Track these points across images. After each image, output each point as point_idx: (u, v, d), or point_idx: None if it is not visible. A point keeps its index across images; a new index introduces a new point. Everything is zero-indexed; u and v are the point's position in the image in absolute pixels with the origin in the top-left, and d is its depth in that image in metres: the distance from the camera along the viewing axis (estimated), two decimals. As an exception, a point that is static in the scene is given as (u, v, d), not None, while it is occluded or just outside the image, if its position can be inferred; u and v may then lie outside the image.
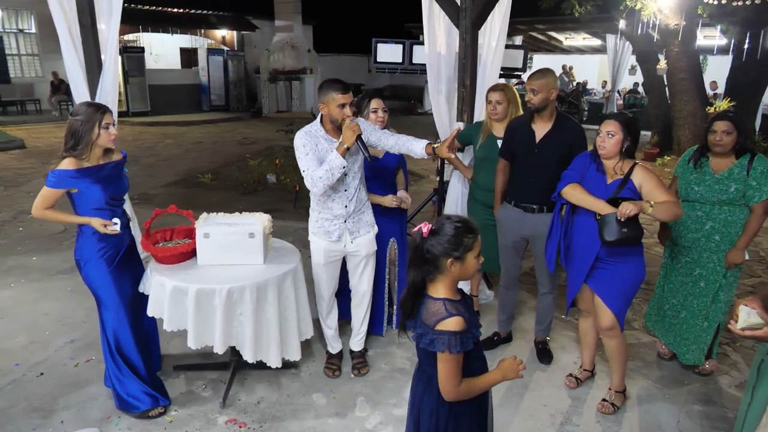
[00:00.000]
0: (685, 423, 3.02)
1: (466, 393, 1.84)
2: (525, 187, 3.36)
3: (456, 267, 1.80)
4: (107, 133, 2.78)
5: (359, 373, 3.38)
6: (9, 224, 6.24)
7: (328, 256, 3.19)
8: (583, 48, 19.98)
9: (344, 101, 2.86)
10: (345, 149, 2.83)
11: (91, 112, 2.75)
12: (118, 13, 4.38)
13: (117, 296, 2.86)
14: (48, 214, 2.78)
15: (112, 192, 2.85)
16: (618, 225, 2.73)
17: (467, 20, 4.19)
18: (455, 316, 1.77)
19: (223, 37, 19.98)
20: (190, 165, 10.09)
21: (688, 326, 3.33)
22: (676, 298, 3.36)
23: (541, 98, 3.19)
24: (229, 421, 2.94)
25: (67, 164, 2.71)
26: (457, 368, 1.80)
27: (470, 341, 1.80)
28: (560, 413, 3.07)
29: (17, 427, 2.80)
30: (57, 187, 2.72)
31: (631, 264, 2.88)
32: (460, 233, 1.79)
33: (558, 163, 3.18)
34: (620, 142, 2.81)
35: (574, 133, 3.30)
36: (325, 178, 2.86)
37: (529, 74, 3.29)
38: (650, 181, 2.79)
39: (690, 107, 10.43)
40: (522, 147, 3.34)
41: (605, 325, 2.96)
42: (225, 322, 2.82)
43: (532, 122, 3.33)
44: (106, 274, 2.84)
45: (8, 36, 16.14)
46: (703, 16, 8.82)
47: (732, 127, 3.06)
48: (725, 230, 3.13)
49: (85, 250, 2.84)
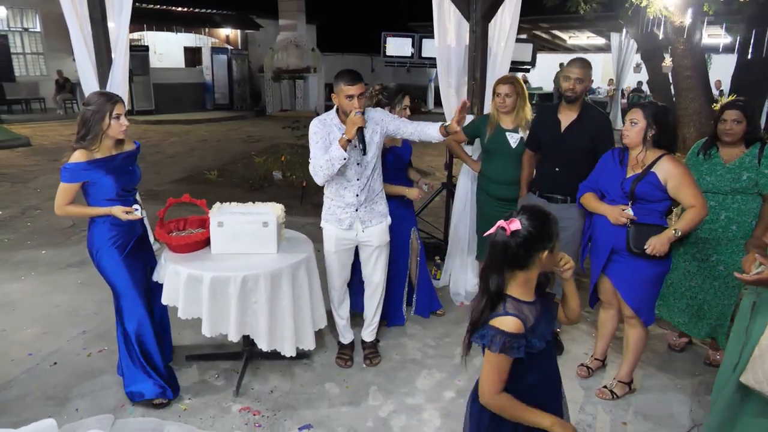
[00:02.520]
0: (698, 412, 3.02)
1: (502, 408, 1.70)
2: (550, 177, 3.36)
3: (547, 258, 1.68)
4: (118, 124, 2.76)
5: (371, 363, 3.39)
6: (18, 219, 6.26)
7: (339, 243, 3.21)
8: (587, 47, 19.98)
9: (351, 92, 2.88)
10: (346, 141, 2.85)
11: (102, 102, 2.74)
12: (128, 9, 4.40)
13: (131, 283, 2.87)
14: (70, 210, 2.78)
15: (123, 183, 2.85)
16: (642, 238, 2.76)
17: (477, 13, 4.19)
18: (511, 316, 1.65)
19: (227, 36, 20.02)
20: (196, 162, 10.11)
21: (710, 306, 3.30)
22: (693, 281, 3.33)
23: (584, 87, 3.20)
24: (242, 409, 2.95)
25: (78, 156, 2.71)
26: (497, 371, 1.66)
27: (520, 348, 1.64)
28: (573, 402, 3.07)
29: (33, 414, 2.81)
30: (72, 180, 2.73)
31: (649, 256, 2.82)
32: (547, 221, 1.68)
33: (583, 153, 3.19)
34: (643, 130, 2.78)
35: (599, 120, 3.30)
36: (325, 168, 2.90)
37: (570, 62, 3.27)
38: (677, 177, 2.73)
39: (695, 105, 10.40)
40: (548, 136, 3.35)
41: (627, 313, 3.00)
42: (239, 310, 2.83)
43: (558, 112, 3.33)
44: (119, 262, 2.85)
45: (13, 35, 16.16)
46: (708, 14, 8.81)
47: (742, 116, 3.06)
48: (740, 219, 3.13)
49: (97, 239, 2.85)
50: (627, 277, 2.91)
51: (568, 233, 3.30)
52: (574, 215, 3.31)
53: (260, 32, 20.69)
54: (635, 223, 2.80)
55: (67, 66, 15.72)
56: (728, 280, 3.22)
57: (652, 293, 2.95)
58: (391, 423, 2.87)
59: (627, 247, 2.82)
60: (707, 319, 3.33)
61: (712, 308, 3.31)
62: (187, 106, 18.22)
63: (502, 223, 1.68)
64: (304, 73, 19.11)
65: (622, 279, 2.94)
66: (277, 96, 19.19)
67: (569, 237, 3.36)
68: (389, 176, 3.49)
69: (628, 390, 3.14)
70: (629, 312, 2.98)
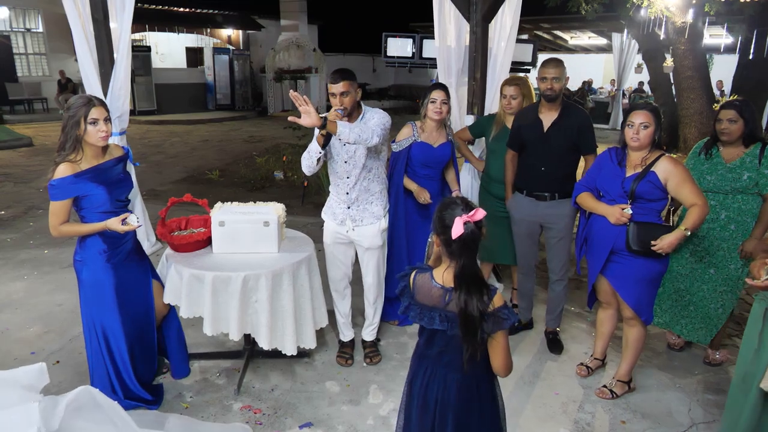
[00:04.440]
0: (696, 411, 3.03)
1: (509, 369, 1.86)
2: (536, 176, 3.39)
3: None
4: (95, 130, 2.52)
5: (371, 361, 3.41)
6: (20, 219, 6.29)
7: (334, 236, 3.27)
8: (588, 47, 19.99)
9: (332, 90, 2.99)
10: (321, 135, 2.88)
11: (78, 106, 2.51)
12: (131, 9, 4.43)
13: (114, 297, 2.74)
14: (65, 229, 2.61)
15: (117, 193, 2.69)
16: (644, 236, 2.78)
17: (478, 14, 4.22)
18: (496, 294, 1.77)
19: (228, 36, 20.07)
20: (198, 162, 10.14)
21: (696, 308, 3.32)
22: (683, 284, 3.36)
23: (561, 85, 3.23)
24: (244, 407, 2.97)
25: (63, 171, 2.52)
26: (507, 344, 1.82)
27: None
28: (572, 401, 3.09)
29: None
30: (61, 197, 2.55)
31: (649, 257, 2.85)
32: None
33: (567, 150, 3.24)
34: (653, 133, 2.80)
35: (580, 118, 3.34)
36: (306, 158, 3.01)
37: (544, 63, 3.29)
38: (677, 176, 2.75)
39: (697, 105, 10.42)
40: (531, 136, 3.38)
41: (626, 314, 3.02)
42: (241, 308, 2.85)
43: (539, 112, 3.36)
44: (105, 274, 2.72)
45: (16, 35, 16.23)
46: (710, 14, 8.82)
47: (737, 115, 3.08)
48: (740, 219, 3.14)
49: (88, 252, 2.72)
50: (626, 277, 2.93)
51: (558, 228, 3.38)
52: (564, 211, 3.36)
53: (262, 32, 20.74)
54: (635, 222, 2.82)
55: (69, 66, 15.79)
56: (717, 285, 3.24)
57: (651, 292, 2.97)
58: (391, 421, 2.88)
59: (627, 246, 2.84)
60: (697, 323, 3.35)
61: (699, 310, 3.32)
62: (189, 106, 18.26)
63: (465, 218, 1.70)
64: (306, 73, 19.15)
65: (622, 279, 2.95)
66: (279, 96, 19.23)
67: (561, 232, 3.42)
68: (416, 173, 3.55)
69: (627, 389, 3.15)
70: (629, 313, 3.00)
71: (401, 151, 3.56)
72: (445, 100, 3.47)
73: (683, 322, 3.38)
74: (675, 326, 3.43)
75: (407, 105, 20.75)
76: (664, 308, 3.46)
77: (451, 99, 3.60)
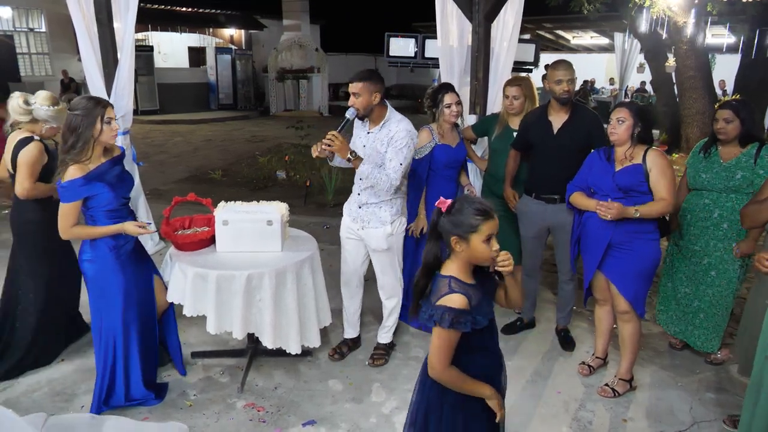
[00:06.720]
0: (698, 410, 3.04)
1: (451, 380, 1.81)
2: (545, 178, 3.39)
3: (461, 247, 1.76)
4: (110, 128, 2.62)
5: (373, 363, 3.40)
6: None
7: (347, 231, 3.31)
8: (590, 47, 20.01)
9: (348, 90, 3.03)
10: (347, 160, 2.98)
11: (91, 106, 2.57)
12: (134, 10, 4.45)
13: (123, 296, 2.80)
14: (76, 231, 2.65)
15: (122, 191, 2.76)
16: None
17: (480, 14, 4.23)
18: (458, 294, 1.74)
19: (231, 36, 20.12)
20: (200, 162, 10.17)
21: (706, 315, 3.33)
22: (688, 287, 3.37)
23: (574, 86, 3.26)
24: (247, 405, 2.99)
25: (73, 173, 2.56)
26: (447, 346, 1.76)
27: (467, 323, 1.74)
28: (574, 400, 3.11)
29: (42, 409, 2.85)
30: (73, 199, 2.59)
31: (643, 248, 2.92)
32: (468, 213, 1.75)
33: (578, 152, 3.24)
34: (630, 127, 2.87)
35: (591, 121, 3.35)
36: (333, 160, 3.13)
37: (555, 66, 3.29)
38: (659, 168, 2.84)
39: (699, 105, 10.41)
40: (540, 139, 3.38)
41: (620, 309, 3.04)
42: (244, 307, 2.86)
43: (548, 114, 3.36)
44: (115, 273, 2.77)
45: (19, 35, 16.25)
46: (712, 14, 8.82)
47: (733, 115, 3.10)
48: (733, 218, 3.15)
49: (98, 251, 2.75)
50: (623, 270, 2.97)
51: (567, 229, 3.34)
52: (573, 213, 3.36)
53: (264, 32, 20.78)
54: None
55: (72, 66, 15.82)
56: (720, 289, 3.25)
57: (645, 285, 3.01)
58: (394, 419, 2.90)
59: None
60: (705, 330, 3.36)
61: (709, 317, 3.33)
62: (192, 105, 18.30)
63: (441, 201, 1.80)
64: (308, 73, 19.19)
65: (619, 274, 2.98)
66: (281, 96, 19.28)
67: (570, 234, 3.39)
68: (440, 174, 3.59)
69: (629, 388, 3.16)
70: (623, 306, 3.01)
71: (424, 156, 3.58)
72: (459, 101, 3.54)
73: (696, 333, 3.40)
74: (689, 337, 3.44)
75: (410, 105, 20.74)
76: (672, 316, 3.49)
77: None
